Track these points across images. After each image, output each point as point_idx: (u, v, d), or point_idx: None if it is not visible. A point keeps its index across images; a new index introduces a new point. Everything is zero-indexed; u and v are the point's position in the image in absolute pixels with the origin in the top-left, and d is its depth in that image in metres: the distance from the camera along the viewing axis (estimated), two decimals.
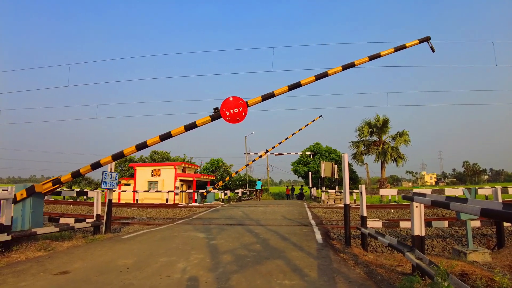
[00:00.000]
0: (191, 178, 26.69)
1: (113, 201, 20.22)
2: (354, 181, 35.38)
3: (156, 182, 25.58)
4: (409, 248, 4.12)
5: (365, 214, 6.71)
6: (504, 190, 6.90)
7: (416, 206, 4.18)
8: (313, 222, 10.42)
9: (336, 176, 26.91)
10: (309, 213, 13.44)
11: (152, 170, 26.17)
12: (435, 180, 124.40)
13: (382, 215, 14.15)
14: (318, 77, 7.86)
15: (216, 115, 6.18)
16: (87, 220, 7.74)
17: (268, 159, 41.40)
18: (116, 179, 8.19)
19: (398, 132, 28.36)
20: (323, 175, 25.17)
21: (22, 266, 4.61)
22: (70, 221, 7.72)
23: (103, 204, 8.27)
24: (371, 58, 8.44)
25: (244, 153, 38.93)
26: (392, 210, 15.24)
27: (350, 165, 33.10)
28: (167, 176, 25.57)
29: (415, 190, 6.24)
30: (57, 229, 6.49)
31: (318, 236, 7.31)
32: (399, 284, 3.37)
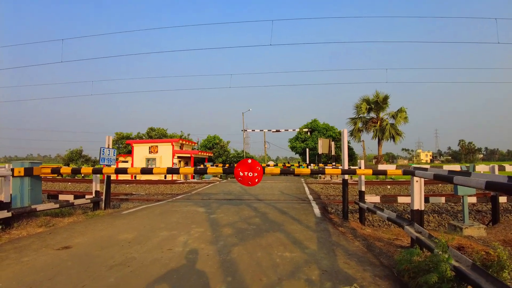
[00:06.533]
0: (188, 155, 26.72)
1: (111, 177, 20.28)
2: (351, 157, 35.63)
3: (154, 159, 25.60)
4: (408, 222, 4.17)
5: (363, 189, 6.76)
6: (501, 168, 6.94)
7: (416, 181, 4.19)
8: (310, 197, 10.55)
9: (333, 153, 27.04)
10: (306, 189, 13.60)
11: (149, 147, 26.11)
12: (431, 158, 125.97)
13: (378, 191, 14.36)
14: None
15: (228, 169, 6.07)
16: (86, 197, 7.76)
17: (266, 136, 41.42)
18: (114, 155, 8.12)
19: (398, 110, 28.20)
20: (320, 151, 25.29)
21: (23, 242, 4.63)
22: (70, 197, 7.73)
23: (101, 181, 8.25)
24: None
25: (242, 130, 38.83)
26: (389, 186, 15.46)
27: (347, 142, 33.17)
28: (165, 152, 25.57)
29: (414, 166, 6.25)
30: (57, 206, 6.49)
31: (316, 210, 7.41)
32: (398, 257, 3.42)
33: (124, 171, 6.54)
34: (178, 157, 26.04)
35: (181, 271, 3.36)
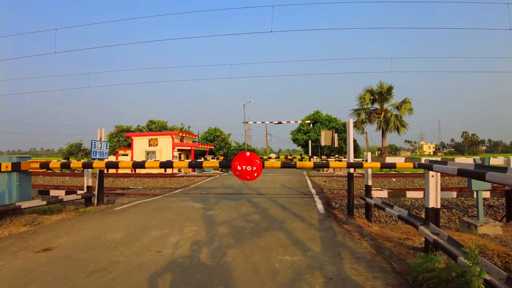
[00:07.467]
0: (189, 148, 26.35)
1: (111, 171, 19.91)
2: (354, 150, 35.18)
3: (154, 152, 25.26)
4: (423, 222, 3.75)
5: (370, 183, 6.35)
6: None
7: (432, 176, 3.76)
8: (313, 191, 10.16)
9: (336, 145, 26.57)
10: (309, 182, 13.21)
11: (149, 140, 25.75)
12: (434, 150, 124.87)
13: (383, 184, 13.94)
14: None
15: (226, 163, 5.52)
16: (78, 192, 7.41)
17: (267, 128, 41.02)
18: (106, 148, 7.74)
19: (402, 101, 27.57)
20: (323, 143, 24.81)
21: (2, 243, 4.27)
22: (60, 193, 7.38)
23: (94, 175, 7.90)
24: None
25: (243, 122, 38.35)
26: (394, 179, 15.03)
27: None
28: (165, 145, 25.21)
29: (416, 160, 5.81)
30: (44, 202, 6.13)
31: (320, 206, 7.02)
32: (413, 262, 3.03)
33: (115, 165, 6.15)
34: (178, 150, 25.69)
35: (168, 278, 2.99)
